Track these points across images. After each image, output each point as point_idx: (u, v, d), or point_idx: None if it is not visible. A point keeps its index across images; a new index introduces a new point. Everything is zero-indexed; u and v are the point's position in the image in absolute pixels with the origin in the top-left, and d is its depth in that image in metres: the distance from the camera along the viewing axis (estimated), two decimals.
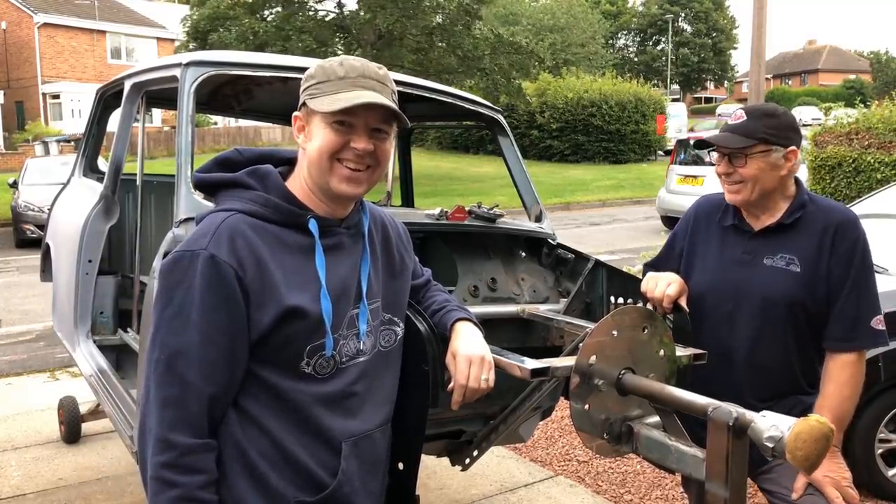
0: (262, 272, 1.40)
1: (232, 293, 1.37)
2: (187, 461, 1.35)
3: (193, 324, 1.36)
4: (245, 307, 1.39)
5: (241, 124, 33.13)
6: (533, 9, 45.02)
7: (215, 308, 1.37)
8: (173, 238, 2.33)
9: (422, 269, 1.83)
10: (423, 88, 3.01)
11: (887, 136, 9.68)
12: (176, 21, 27.96)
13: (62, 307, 3.81)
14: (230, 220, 1.43)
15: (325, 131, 1.45)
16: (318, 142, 1.46)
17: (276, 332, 1.41)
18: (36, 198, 13.42)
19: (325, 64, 1.49)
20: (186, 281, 1.37)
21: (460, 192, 19.70)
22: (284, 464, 1.44)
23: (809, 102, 47.48)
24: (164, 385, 1.36)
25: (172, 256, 1.41)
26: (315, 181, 1.48)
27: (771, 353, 2.10)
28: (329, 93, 1.44)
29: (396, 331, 1.62)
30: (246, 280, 1.38)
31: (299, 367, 1.43)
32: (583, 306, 2.82)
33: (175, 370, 1.36)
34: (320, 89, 1.46)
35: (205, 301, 1.36)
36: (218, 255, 1.37)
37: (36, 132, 29.06)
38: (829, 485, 1.95)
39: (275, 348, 1.42)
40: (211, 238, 1.39)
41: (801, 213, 2.10)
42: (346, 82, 1.45)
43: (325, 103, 1.43)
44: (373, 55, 19.73)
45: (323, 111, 1.43)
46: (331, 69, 1.47)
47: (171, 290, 1.39)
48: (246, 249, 1.40)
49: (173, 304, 1.38)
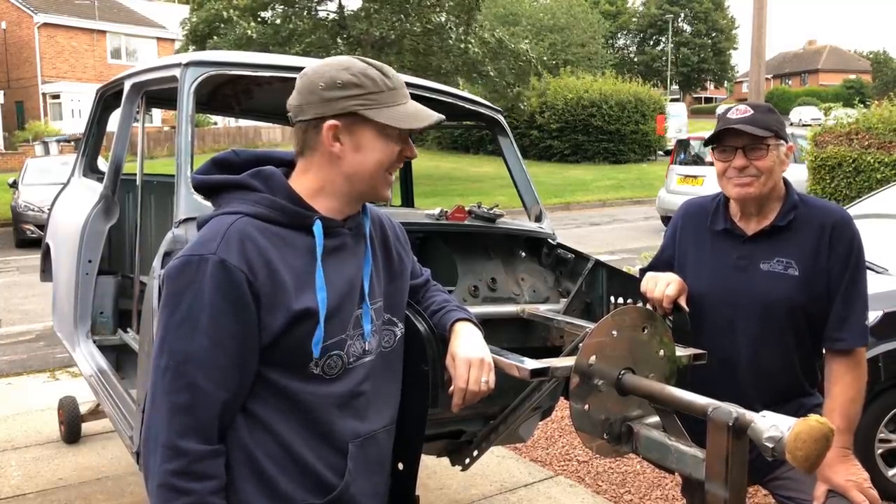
0: (271, 275, 1.38)
1: (242, 297, 1.35)
2: (198, 468, 1.33)
3: (203, 329, 1.34)
4: (256, 311, 1.37)
5: (241, 124, 33.14)
6: (533, 9, 44.97)
7: (225, 313, 1.35)
8: (173, 238, 2.33)
9: (421, 269, 1.82)
10: (424, 88, 3.02)
11: (887, 136, 9.69)
12: (176, 21, 27.95)
13: (62, 307, 3.81)
14: (238, 224, 1.40)
15: (386, 144, 1.45)
16: (377, 154, 1.45)
17: (286, 334, 1.39)
18: (36, 198, 13.42)
19: (368, 71, 1.45)
20: (195, 285, 1.35)
21: (460, 192, 19.71)
22: (292, 466, 1.43)
23: (809, 102, 47.53)
24: (172, 392, 1.34)
25: (180, 260, 1.39)
26: (358, 189, 1.48)
27: (773, 357, 2.09)
28: (388, 103, 1.44)
29: (395, 331, 1.62)
30: (256, 284, 1.36)
31: (308, 369, 1.42)
32: (583, 306, 2.81)
33: (184, 376, 1.34)
34: (375, 100, 1.43)
35: (215, 306, 1.34)
36: (228, 259, 1.35)
37: (36, 132, 29.06)
38: (853, 488, 1.94)
39: (285, 350, 1.40)
40: (220, 242, 1.37)
41: (794, 214, 2.09)
42: (397, 94, 1.46)
43: (394, 118, 1.44)
44: (373, 56, 19.73)
45: (400, 126, 1.45)
46: (377, 78, 1.45)
47: (179, 294, 1.36)
48: (255, 253, 1.38)
49: (181, 310, 1.35)
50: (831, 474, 1.95)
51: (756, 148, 2.02)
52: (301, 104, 1.46)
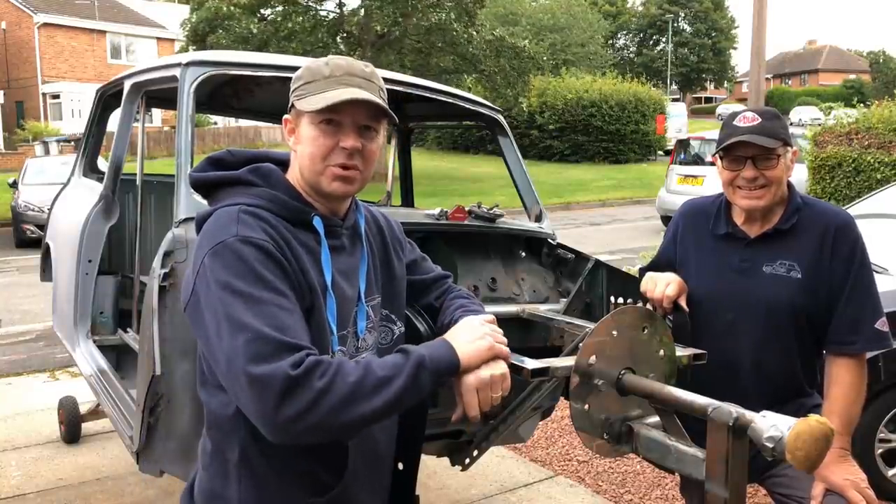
0: (293, 252, 1.39)
1: (279, 263, 1.34)
2: (310, 360, 1.25)
3: (255, 299, 1.28)
4: (290, 276, 1.35)
5: (241, 124, 33.13)
6: (533, 9, 44.98)
7: (269, 273, 1.31)
8: (173, 238, 2.33)
9: (433, 266, 1.80)
10: (424, 88, 3.02)
11: (887, 136, 9.69)
12: (176, 21, 27.99)
13: (62, 307, 3.81)
14: (246, 210, 1.41)
15: (313, 132, 1.45)
16: (308, 143, 1.45)
17: (310, 315, 1.39)
18: (36, 198, 13.41)
19: (312, 64, 1.48)
20: (230, 268, 1.31)
21: (460, 192, 19.71)
22: (290, 466, 1.43)
23: (809, 102, 47.53)
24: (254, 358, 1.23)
25: (209, 252, 1.34)
26: (308, 181, 1.48)
27: (776, 359, 2.09)
28: (314, 92, 1.44)
29: (393, 329, 1.61)
30: (284, 257, 1.36)
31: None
32: (583, 306, 2.81)
33: (265, 340, 1.24)
34: (307, 90, 1.45)
35: (255, 272, 1.30)
36: (251, 235, 1.34)
37: (36, 132, 29.05)
38: (850, 488, 1.94)
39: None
40: (237, 224, 1.36)
41: (798, 217, 2.08)
42: (332, 81, 1.44)
43: (310, 103, 1.43)
44: (373, 56, 19.73)
45: (309, 111, 1.43)
46: (317, 69, 1.46)
47: (219, 274, 1.31)
48: (273, 231, 1.38)
49: (226, 296, 1.29)
50: (829, 474, 1.96)
51: (766, 158, 2.01)
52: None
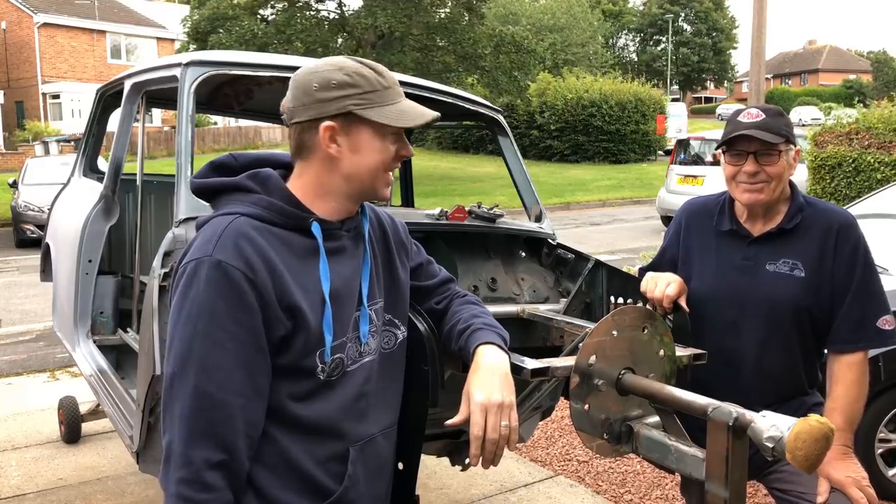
0: (272, 273, 1.36)
1: (242, 296, 1.33)
2: (207, 477, 1.29)
3: (201, 332, 1.32)
4: (260, 309, 1.34)
5: (241, 124, 33.15)
6: (533, 9, 44.99)
7: (223, 314, 1.32)
8: (173, 238, 2.33)
9: (438, 269, 1.78)
10: (424, 88, 3.01)
11: (887, 136, 9.69)
12: (176, 21, 27.99)
13: (62, 307, 3.82)
14: (234, 224, 1.39)
15: (383, 144, 1.45)
16: (375, 153, 1.44)
17: (294, 335, 1.38)
18: (36, 198, 13.42)
19: (361, 71, 1.44)
20: (192, 290, 1.33)
21: (460, 192, 19.71)
22: (290, 473, 1.41)
23: (809, 102, 47.57)
24: (178, 398, 1.31)
25: (181, 267, 1.38)
26: (357, 190, 1.47)
27: (778, 358, 2.09)
28: (382, 103, 1.43)
29: (397, 333, 1.60)
30: (257, 281, 1.34)
31: (315, 373, 1.41)
32: (583, 306, 2.81)
33: (187, 381, 1.31)
34: (370, 99, 1.42)
35: (211, 307, 1.32)
36: (224, 259, 1.33)
37: (36, 132, 29.05)
38: (851, 485, 1.95)
39: (293, 353, 1.39)
40: (216, 243, 1.35)
41: (801, 216, 2.09)
42: (394, 92, 1.45)
43: (390, 116, 1.43)
44: (373, 56, 19.74)
45: (396, 125, 1.43)
46: (373, 77, 1.43)
47: (181, 300, 1.35)
48: (253, 251, 1.36)
49: (182, 315, 1.34)
50: (831, 470, 1.96)
51: (768, 153, 2.01)
52: (296, 106, 1.44)
